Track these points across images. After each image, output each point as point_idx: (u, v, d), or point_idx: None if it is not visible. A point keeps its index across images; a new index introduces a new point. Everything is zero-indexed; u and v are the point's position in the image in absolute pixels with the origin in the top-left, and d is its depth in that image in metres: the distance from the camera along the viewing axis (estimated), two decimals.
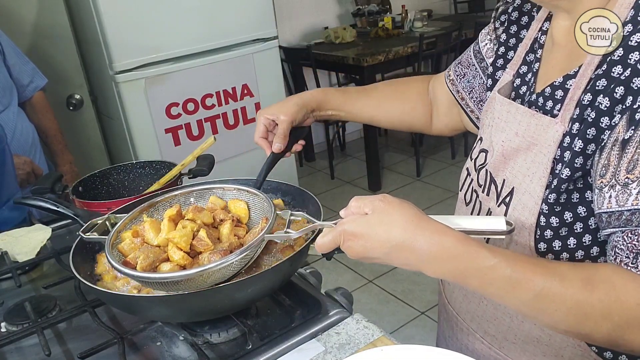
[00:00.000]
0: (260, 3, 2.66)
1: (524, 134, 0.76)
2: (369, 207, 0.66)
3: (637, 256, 0.60)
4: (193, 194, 0.93)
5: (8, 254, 1.15)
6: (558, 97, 0.73)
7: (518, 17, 0.88)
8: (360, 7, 4.40)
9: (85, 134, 2.62)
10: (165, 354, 0.85)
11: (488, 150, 0.85)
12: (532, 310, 0.62)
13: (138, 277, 0.75)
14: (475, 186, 0.87)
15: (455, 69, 1.02)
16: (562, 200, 0.70)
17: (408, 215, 0.64)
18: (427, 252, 0.62)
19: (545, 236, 0.72)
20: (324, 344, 0.83)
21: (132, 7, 2.33)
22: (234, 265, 0.75)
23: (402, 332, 2.48)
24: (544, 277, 0.60)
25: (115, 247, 0.82)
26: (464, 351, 0.90)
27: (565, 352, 0.76)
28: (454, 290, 0.92)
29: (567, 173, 0.68)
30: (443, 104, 1.08)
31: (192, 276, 0.72)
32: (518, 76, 0.84)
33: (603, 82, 0.66)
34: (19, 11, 2.33)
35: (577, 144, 0.67)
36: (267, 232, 0.76)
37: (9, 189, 1.40)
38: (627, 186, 0.61)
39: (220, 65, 2.60)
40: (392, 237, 0.63)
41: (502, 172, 0.80)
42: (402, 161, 4.29)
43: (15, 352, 0.90)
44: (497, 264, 0.61)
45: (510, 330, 0.80)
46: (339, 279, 2.89)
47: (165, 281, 0.74)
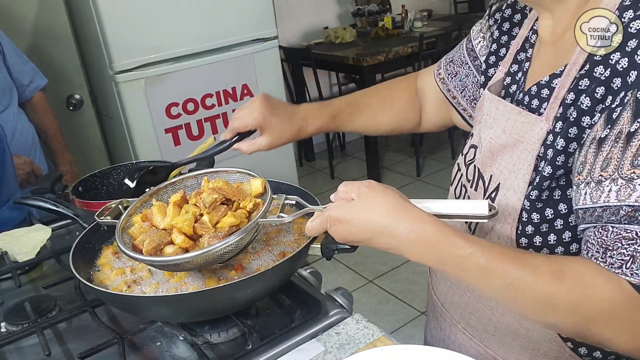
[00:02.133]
0: (260, 3, 2.66)
1: (510, 131, 0.77)
2: (355, 193, 0.69)
3: (606, 251, 0.62)
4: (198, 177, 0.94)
5: (8, 254, 1.15)
6: (544, 95, 0.74)
7: (511, 14, 0.89)
8: (360, 7, 4.40)
9: (85, 134, 2.62)
10: (165, 354, 0.85)
11: (477, 146, 0.86)
12: (504, 299, 0.65)
13: (142, 260, 0.79)
14: (464, 181, 0.89)
15: (447, 67, 1.02)
16: (543, 197, 0.71)
17: (390, 201, 0.67)
18: (406, 238, 0.65)
19: (526, 232, 0.73)
20: (324, 344, 0.83)
21: (132, 7, 2.33)
22: (231, 247, 0.78)
23: (402, 332, 2.48)
24: (517, 267, 0.62)
25: (126, 230, 0.85)
26: (447, 342, 0.93)
27: (541, 347, 0.78)
28: (440, 282, 0.94)
29: (549, 171, 0.69)
30: (432, 102, 1.08)
31: (190, 259, 0.75)
32: (509, 75, 0.85)
33: (586, 81, 0.67)
34: (19, 11, 2.33)
35: (560, 143, 0.68)
36: (261, 217, 0.79)
37: (9, 189, 1.40)
38: (600, 183, 0.62)
39: (220, 65, 2.60)
40: (374, 222, 0.66)
41: (489, 168, 0.81)
42: (402, 161, 4.29)
43: (15, 352, 0.90)
44: (473, 252, 0.63)
45: (490, 322, 0.82)
46: (339, 279, 2.89)
47: (167, 264, 0.77)
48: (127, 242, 0.82)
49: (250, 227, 0.78)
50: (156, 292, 0.83)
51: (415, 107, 1.12)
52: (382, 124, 1.12)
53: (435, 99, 1.06)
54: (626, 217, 0.59)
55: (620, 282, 0.60)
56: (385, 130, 1.15)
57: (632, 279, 0.59)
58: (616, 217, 0.60)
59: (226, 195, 0.84)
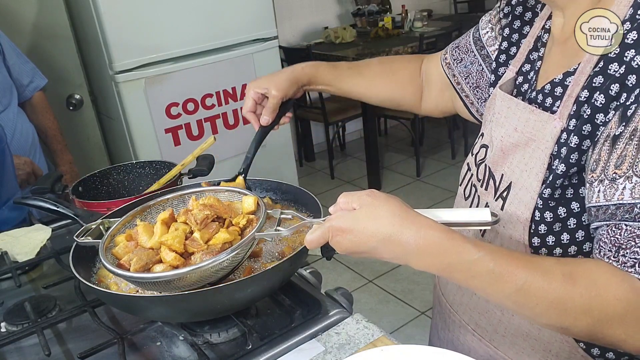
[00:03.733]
0: (260, 3, 2.66)
1: (522, 129, 0.76)
2: (357, 203, 0.67)
3: (619, 250, 0.61)
4: (184, 197, 0.92)
5: (8, 254, 1.15)
6: (557, 93, 0.74)
7: (522, 12, 0.89)
8: (360, 7, 4.40)
9: (85, 134, 2.61)
10: (165, 354, 0.85)
11: (488, 146, 0.86)
12: (514, 304, 0.63)
13: (131, 278, 0.76)
14: (474, 181, 0.88)
15: (452, 53, 1.02)
16: (556, 196, 0.71)
17: (394, 209, 0.65)
18: (413, 246, 0.63)
19: (539, 231, 0.72)
20: (324, 344, 0.83)
21: (132, 7, 2.33)
22: (225, 264, 0.76)
23: (402, 332, 2.47)
24: (527, 271, 0.61)
25: (109, 250, 0.83)
26: (456, 343, 0.92)
27: (553, 347, 0.77)
28: (447, 283, 0.94)
29: (563, 169, 0.69)
30: (436, 86, 1.08)
31: (183, 275, 0.72)
32: (520, 74, 0.85)
33: (600, 79, 0.66)
34: (19, 11, 2.33)
35: (573, 140, 0.68)
36: (257, 231, 0.76)
37: (9, 189, 1.40)
38: (614, 181, 0.62)
39: (220, 65, 2.60)
40: (379, 231, 0.64)
41: (500, 167, 0.81)
42: (402, 161, 4.29)
43: (15, 352, 0.90)
44: (481, 257, 0.62)
45: (500, 323, 0.81)
46: (339, 279, 2.89)
47: (157, 281, 0.74)
48: (112, 263, 0.79)
49: (246, 242, 0.76)
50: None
51: (416, 85, 1.11)
52: (379, 89, 1.11)
53: (440, 82, 1.06)
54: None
55: (633, 282, 0.59)
56: (383, 99, 1.13)
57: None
58: (630, 215, 0.60)
59: (217, 213, 0.81)
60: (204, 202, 0.83)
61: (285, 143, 2.93)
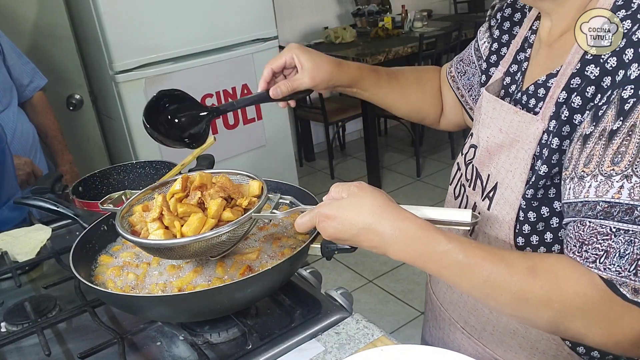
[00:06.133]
0: (260, 3, 2.66)
1: (507, 130, 0.77)
2: (345, 192, 0.71)
3: (582, 245, 0.63)
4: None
5: (8, 254, 1.15)
6: (540, 95, 0.75)
7: (511, 13, 0.90)
8: (360, 7, 4.40)
9: (85, 134, 2.61)
10: (165, 354, 0.85)
11: (477, 146, 0.87)
12: (481, 294, 0.66)
13: (136, 242, 0.80)
14: (463, 180, 0.89)
15: (457, 66, 1.03)
16: (539, 196, 0.72)
17: (377, 201, 0.69)
18: (389, 235, 0.67)
19: (523, 231, 0.74)
20: (324, 344, 0.83)
21: (132, 7, 2.33)
22: (224, 238, 0.79)
23: (402, 332, 2.48)
24: (493, 262, 0.64)
25: (126, 218, 0.87)
26: (446, 340, 0.93)
27: (540, 345, 0.78)
28: (438, 282, 0.95)
29: (545, 170, 0.70)
30: (448, 101, 1.08)
31: (185, 244, 0.77)
32: (508, 74, 0.86)
33: (577, 80, 0.68)
34: (19, 11, 2.33)
35: (554, 141, 0.69)
36: (255, 211, 0.81)
37: (9, 189, 1.40)
38: (582, 179, 0.63)
39: (220, 65, 2.60)
40: (360, 219, 0.68)
41: (487, 168, 0.82)
42: (402, 161, 4.29)
43: (15, 352, 0.90)
44: (452, 249, 0.65)
45: (488, 321, 0.83)
46: (339, 279, 2.89)
47: (160, 247, 0.79)
48: (126, 229, 0.84)
49: (244, 220, 0.80)
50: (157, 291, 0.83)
51: (439, 99, 1.10)
52: (412, 99, 1.07)
53: (451, 96, 1.06)
54: (602, 213, 0.60)
55: (592, 277, 0.61)
56: (412, 109, 1.09)
57: (604, 273, 0.60)
58: (593, 212, 0.61)
59: (228, 192, 0.86)
60: (216, 180, 0.87)
61: (285, 143, 2.93)
